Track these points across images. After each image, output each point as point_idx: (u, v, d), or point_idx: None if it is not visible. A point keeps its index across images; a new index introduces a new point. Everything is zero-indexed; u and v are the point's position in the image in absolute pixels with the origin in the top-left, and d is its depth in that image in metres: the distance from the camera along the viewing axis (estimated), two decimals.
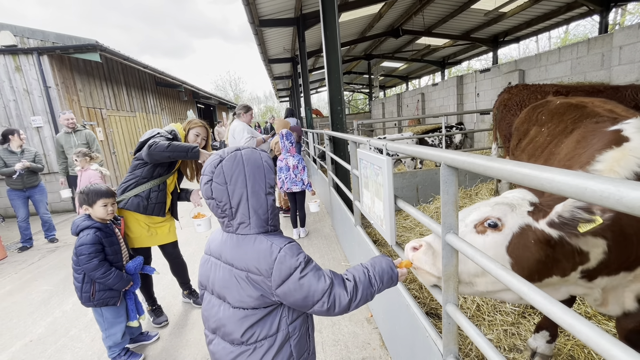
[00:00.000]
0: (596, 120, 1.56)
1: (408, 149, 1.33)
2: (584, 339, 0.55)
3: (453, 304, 1.07)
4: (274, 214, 1.04)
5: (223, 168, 0.98)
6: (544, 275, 1.05)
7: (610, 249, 1.03)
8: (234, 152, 1.01)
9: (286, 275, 0.95)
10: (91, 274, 1.95)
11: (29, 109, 6.92)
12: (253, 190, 0.99)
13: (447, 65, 17.13)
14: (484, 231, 1.05)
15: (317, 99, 39.77)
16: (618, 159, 1.12)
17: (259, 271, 0.96)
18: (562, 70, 7.08)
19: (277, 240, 1.00)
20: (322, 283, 0.97)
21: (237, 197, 0.98)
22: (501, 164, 0.74)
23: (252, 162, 1.00)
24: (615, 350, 0.49)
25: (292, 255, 0.97)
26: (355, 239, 2.72)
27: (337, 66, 4.02)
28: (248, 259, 0.98)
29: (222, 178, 0.97)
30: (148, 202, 2.33)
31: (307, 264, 0.99)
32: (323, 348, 2.10)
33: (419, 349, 1.40)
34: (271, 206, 1.03)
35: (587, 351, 1.78)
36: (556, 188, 0.59)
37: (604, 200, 0.49)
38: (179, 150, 2.20)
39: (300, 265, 0.97)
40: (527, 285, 0.71)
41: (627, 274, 1.13)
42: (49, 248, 4.85)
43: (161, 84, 12.13)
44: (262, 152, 1.06)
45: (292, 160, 3.88)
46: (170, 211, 2.57)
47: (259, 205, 1.00)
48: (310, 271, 0.97)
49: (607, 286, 1.18)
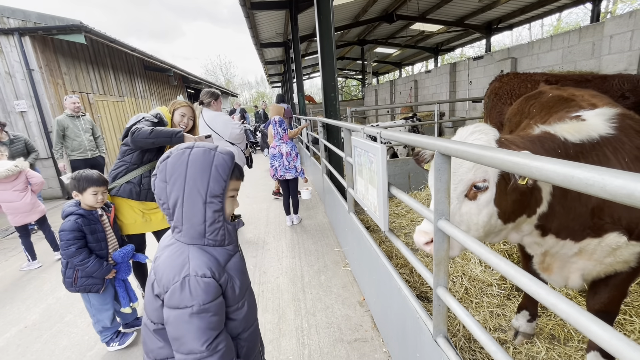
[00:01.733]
0: (567, 109, 1.62)
1: (402, 136, 1.34)
2: (560, 313, 0.59)
3: (443, 287, 1.11)
4: (215, 227, 0.91)
5: (167, 165, 0.89)
6: (518, 215, 1.21)
7: (555, 192, 1.23)
8: (183, 149, 0.91)
9: (174, 305, 0.84)
10: (70, 260, 1.97)
11: (11, 92, 6.68)
12: (190, 195, 0.87)
13: (441, 52, 17.04)
14: (475, 196, 1.13)
15: (310, 85, 39.29)
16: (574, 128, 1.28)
17: (160, 282, 0.87)
18: (553, 58, 7.12)
19: (196, 263, 0.87)
20: (197, 344, 0.84)
21: (174, 200, 0.88)
22: (493, 152, 0.77)
23: (197, 164, 0.88)
24: (576, 314, 0.53)
25: (192, 291, 0.84)
26: (349, 225, 2.77)
27: (331, 51, 3.97)
28: (161, 265, 0.89)
29: (164, 175, 0.89)
30: (140, 188, 2.29)
31: (200, 312, 0.84)
32: (317, 330, 2.17)
33: (409, 330, 1.47)
34: (211, 218, 0.90)
35: (566, 330, 1.88)
36: (545, 176, 0.61)
37: (589, 187, 0.52)
38: (162, 136, 2.17)
39: (192, 308, 0.84)
40: (514, 269, 0.75)
41: (573, 243, 1.29)
42: (38, 235, 4.79)
43: (150, 68, 11.79)
44: (220, 154, 0.92)
45: (285, 148, 3.87)
46: None
47: (192, 213, 0.88)
48: (197, 323, 0.84)
49: (553, 250, 1.33)
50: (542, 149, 1.19)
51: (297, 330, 2.18)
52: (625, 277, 1.42)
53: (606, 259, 1.34)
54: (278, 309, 2.44)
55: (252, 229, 4.14)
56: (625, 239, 1.24)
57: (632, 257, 1.31)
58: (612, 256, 1.32)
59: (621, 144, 1.24)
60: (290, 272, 2.97)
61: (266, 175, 7.30)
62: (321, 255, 3.25)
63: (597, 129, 1.29)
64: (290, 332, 2.18)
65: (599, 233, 1.28)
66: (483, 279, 2.41)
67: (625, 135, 1.27)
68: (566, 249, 1.34)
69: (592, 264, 1.38)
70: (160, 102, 12.74)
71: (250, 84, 51.80)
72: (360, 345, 2.01)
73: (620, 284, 1.44)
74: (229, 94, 24.06)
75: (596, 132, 1.28)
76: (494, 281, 2.37)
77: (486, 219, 1.16)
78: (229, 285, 0.93)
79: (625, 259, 1.32)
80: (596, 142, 1.25)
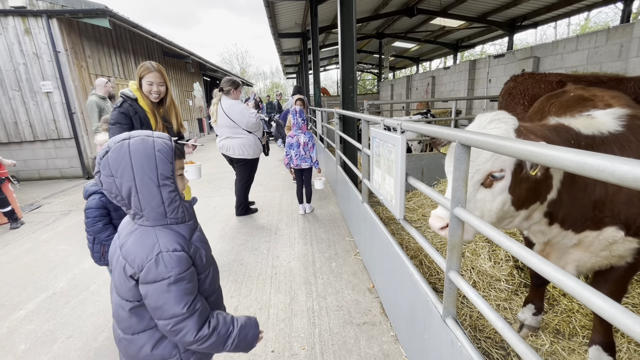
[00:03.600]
0: (581, 108, 1.65)
1: (423, 127, 1.40)
2: (566, 288, 0.66)
3: (455, 270, 1.18)
4: (174, 206, 0.99)
5: (109, 160, 0.92)
6: (531, 202, 1.27)
7: (564, 180, 1.27)
8: (120, 142, 0.94)
9: (152, 279, 0.92)
10: (97, 236, 2.08)
11: (38, 73, 6.92)
12: (142, 182, 0.93)
13: (461, 48, 16.70)
14: (490, 184, 1.20)
15: (324, 77, 39.04)
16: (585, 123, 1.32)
17: (133, 263, 0.94)
18: (578, 59, 6.94)
19: (165, 240, 0.96)
20: (177, 308, 0.93)
21: (126, 190, 0.93)
22: (512, 142, 0.83)
23: (140, 152, 0.93)
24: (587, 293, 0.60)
25: (166, 265, 0.93)
26: (362, 215, 2.84)
27: (352, 44, 3.99)
28: (130, 248, 0.96)
29: (108, 170, 0.92)
30: None
31: (177, 281, 0.93)
32: (327, 312, 2.26)
33: (419, 313, 1.54)
34: (168, 198, 0.97)
35: (572, 326, 1.92)
36: (560, 163, 0.67)
37: (600, 173, 0.58)
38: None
39: (169, 279, 0.92)
40: (524, 250, 0.81)
41: (574, 234, 1.35)
42: (62, 211, 5.02)
43: (169, 54, 11.97)
44: (158, 139, 0.97)
45: (303, 138, 3.95)
46: None
47: (150, 197, 0.94)
48: (175, 291, 0.93)
49: (555, 240, 1.39)
50: (558, 138, 1.24)
51: (309, 311, 2.29)
52: (623, 273, 1.49)
53: (602, 252, 1.41)
54: (290, 291, 2.55)
55: (265, 216, 4.25)
56: (622, 234, 1.31)
57: (627, 253, 1.38)
58: (608, 250, 1.39)
59: (628, 142, 1.30)
60: (302, 258, 3.07)
61: (280, 165, 7.41)
62: (332, 244, 3.34)
63: (606, 125, 1.34)
64: (301, 312, 2.28)
65: (598, 226, 1.35)
66: (492, 273, 2.46)
67: (633, 134, 1.33)
68: (567, 239, 1.41)
69: (588, 256, 1.45)
70: (177, 88, 12.95)
71: (265, 74, 51.88)
72: (369, 328, 2.09)
73: (619, 279, 1.51)
74: (244, 83, 24.18)
75: (606, 128, 1.33)
76: (503, 276, 2.41)
77: (499, 206, 1.22)
78: (197, 255, 1.03)
79: (621, 253, 1.39)
80: (605, 138, 1.31)
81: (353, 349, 1.93)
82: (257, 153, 4.01)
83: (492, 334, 1.92)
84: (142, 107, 2.29)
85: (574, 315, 2.01)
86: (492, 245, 2.80)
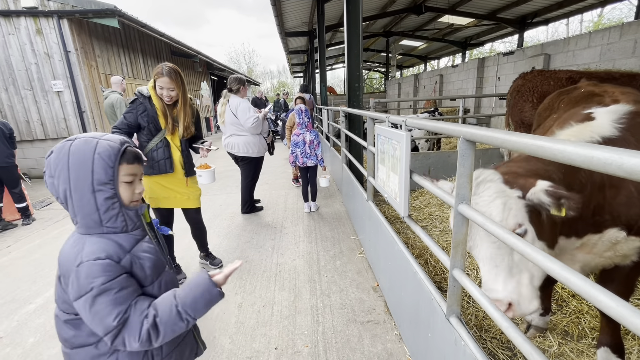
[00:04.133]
0: (585, 105, 1.61)
1: (427, 123, 1.38)
2: (572, 286, 0.64)
3: (459, 268, 1.16)
4: (111, 214, 0.92)
5: (51, 160, 0.89)
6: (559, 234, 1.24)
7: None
8: (63, 142, 0.91)
9: (77, 294, 0.85)
10: None
11: (49, 72, 7.05)
12: (76, 187, 0.88)
13: (469, 46, 16.50)
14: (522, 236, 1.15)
15: (331, 77, 39.00)
16: (575, 134, 1.29)
17: (64, 275, 0.89)
18: (590, 56, 6.79)
19: (89, 250, 0.88)
20: (109, 320, 0.85)
21: (62, 192, 0.89)
22: (518, 137, 0.81)
23: (77, 155, 0.88)
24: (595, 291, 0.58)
25: (88, 276, 0.85)
26: (367, 213, 2.82)
27: (358, 42, 3.97)
28: (61, 258, 0.91)
29: (50, 170, 0.89)
30: (152, 162, 2.38)
31: (101, 293, 0.85)
32: (331, 310, 2.26)
33: (423, 311, 1.52)
34: (104, 205, 0.90)
35: (581, 327, 1.88)
36: (567, 157, 0.65)
37: (607, 166, 0.56)
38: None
39: (92, 292, 0.84)
40: (530, 248, 0.79)
41: (576, 240, 1.33)
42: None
43: (176, 53, 12.08)
44: (103, 141, 0.92)
45: (309, 136, 3.94)
46: (184, 168, 2.52)
47: (83, 204, 0.89)
48: (103, 302, 0.85)
49: (560, 245, 1.34)
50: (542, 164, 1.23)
51: (312, 309, 2.28)
52: (629, 272, 1.46)
53: (606, 253, 1.40)
54: (294, 289, 2.55)
55: (270, 214, 4.26)
56: (624, 234, 1.30)
57: (631, 252, 1.36)
58: (612, 250, 1.38)
59: (626, 145, 1.26)
60: (307, 256, 3.07)
61: (285, 163, 7.42)
62: (337, 242, 3.33)
63: (601, 131, 1.31)
64: (305, 310, 2.28)
65: (600, 229, 1.33)
66: None
67: (633, 134, 1.29)
68: (569, 244, 1.39)
69: (592, 257, 1.43)
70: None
71: (272, 73, 52.05)
72: (373, 326, 2.08)
73: (625, 279, 1.49)
74: (251, 82, 24.28)
75: (599, 134, 1.30)
76: None
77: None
78: (136, 265, 0.94)
79: (625, 252, 1.37)
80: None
81: (356, 347, 1.91)
82: (261, 151, 4.01)
83: (499, 334, 1.89)
84: (155, 106, 2.33)
85: (583, 316, 1.97)
86: None
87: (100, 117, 7.63)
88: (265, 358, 1.88)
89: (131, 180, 0.96)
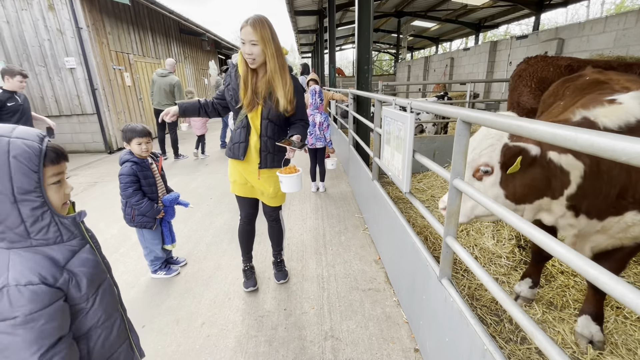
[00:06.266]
0: (600, 92, 1.68)
1: (429, 106, 1.50)
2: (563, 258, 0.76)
3: (452, 236, 1.31)
4: (41, 225, 0.79)
5: None
6: (534, 197, 1.33)
7: (586, 175, 1.29)
8: None
9: None
10: (127, 200, 2.31)
11: (62, 49, 7.14)
12: None
13: (483, 28, 16.05)
14: (481, 178, 1.30)
15: (340, 57, 38.29)
16: (609, 113, 1.33)
17: None
18: (605, 41, 6.66)
19: (17, 270, 0.75)
20: (26, 354, 0.73)
21: None
22: (510, 119, 0.92)
23: None
24: (583, 264, 0.72)
25: (12, 302, 0.72)
26: (371, 192, 2.97)
27: (369, 22, 3.99)
28: None
29: None
30: (231, 144, 2.03)
31: (27, 322, 0.73)
32: (335, 279, 2.45)
33: (419, 276, 1.69)
34: (31, 217, 0.77)
35: (565, 299, 2.05)
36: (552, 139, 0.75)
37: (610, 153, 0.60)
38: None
39: (14, 320, 0.72)
40: (519, 220, 0.93)
41: (598, 222, 1.40)
42: (88, 182, 5.35)
43: (185, 31, 12.01)
44: (16, 140, 0.76)
45: (319, 117, 4.03)
46: (261, 159, 2.01)
47: (4, 216, 0.74)
48: (23, 334, 0.73)
49: (582, 231, 1.43)
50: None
51: (318, 278, 2.48)
52: (629, 252, 1.56)
53: (618, 234, 1.45)
54: (302, 260, 2.74)
55: None
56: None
57: None
58: (625, 232, 1.44)
59: None
60: (314, 231, 3.26)
61: None
62: (342, 219, 3.50)
63: (634, 112, 1.34)
64: (311, 278, 2.48)
65: (620, 211, 1.38)
66: (494, 250, 2.58)
67: None
68: (591, 227, 1.45)
69: (604, 238, 1.51)
70: (193, 66, 13.06)
71: None
72: (374, 293, 2.27)
73: (622, 257, 1.58)
74: None
75: (634, 115, 1.33)
76: (504, 253, 2.53)
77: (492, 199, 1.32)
78: (72, 284, 0.84)
79: (636, 234, 1.43)
80: (633, 127, 1.31)
81: (358, 310, 2.11)
82: None
83: (488, 302, 2.07)
84: (239, 75, 1.88)
85: (569, 290, 2.13)
86: (496, 225, 2.90)
87: (112, 95, 7.76)
88: (276, 317, 2.08)
89: (59, 180, 0.84)
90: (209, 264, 2.74)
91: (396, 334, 1.90)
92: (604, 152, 0.62)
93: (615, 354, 1.68)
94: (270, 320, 2.06)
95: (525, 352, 1.71)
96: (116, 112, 7.87)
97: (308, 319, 2.06)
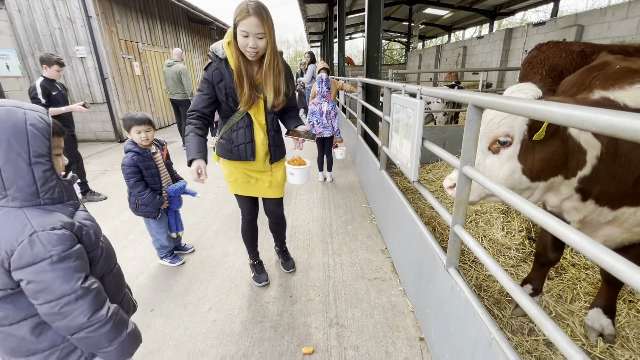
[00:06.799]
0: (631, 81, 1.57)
1: (440, 92, 1.45)
2: (573, 244, 0.74)
3: (460, 225, 1.28)
4: (49, 186, 0.89)
5: None
6: (549, 174, 1.25)
7: (603, 156, 1.21)
8: None
9: (27, 263, 0.82)
10: (130, 190, 2.33)
11: (73, 38, 7.19)
12: (8, 158, 0.82)
13: (498, 16, 15.51)
14: (497, 151, 1.24)
15: (349, 46, 37.71)
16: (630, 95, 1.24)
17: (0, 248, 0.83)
18: (627, 28, 6.37)
19: (38, 221, 0.85)
20: (67, 286, 0.85)
21: None
22: (524, 102, 0.87)
23: (8, 125, 0.82)
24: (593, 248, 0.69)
25: (45, 244, 0.83)
26: (379, 182, 2.94)
27: (379, 9, 3.89)
28: None
29: None
30: (230, 146, 1.85)
31: (62, 260, 0.84)
32: (341, 267, 2.45)
33: (426, 265, 1.67)
34: (42, 178, 0.87)
35: (575, 292, 2.00)
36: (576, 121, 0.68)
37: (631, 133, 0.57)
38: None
39: (51, 258, 0.83)
40: (529, 205, 0.90)
41: (610, 211, 1.31)
42: (99, 170, 5.43)
43: (193, 20, 11.95)
44: (31, 112, 0.87)
45: (326, 106, 3.98)
46: (271, 154, 1.95)
47: (18, 176, 0.83)
48: (62, 269, 0.84)
49: (590, 217, 1.36)
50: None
51: (324, 266, 2.48)
52: None
53: (635, 228, 1.35)
54: (308, 248, 2.75)
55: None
56: None
57: None
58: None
59: None
60: (320, 220, 3.25)
61: None
62: (349, 209, 3.49)
63: None
64: (318, 266, 2.48)
65: (638, 202, 1.27)
66: (503, 242, 2.54)
67: None
68: (602, 216, 1.35)
69: (620, 232, 1.39)
70: (202, 55, 13.02)
71: (288, 42, 50.65)
72: (379, 282, 2.27)
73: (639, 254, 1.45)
74: None
75: None
76: (514, 245, 2.49)
77: (507, 173, 1.25)
78: (84, 232, 0.94)
79: None
80: None
81: (363, 298, 2.11)
82: None
83: (496, 293, 2.04)
84: (232, 69, 1.67)
85: (580, 283, 2.08)
86: (506, 216, 2.84)
87: (122, 84, 7.81)
88: (282, 304, 2.10)
89: (59, 153, 0.97)
90: (217, 251, 2.77)
91: (401, 323, 1.90)
92: (624, 132, 0.58)
93: (626, 347, 1.64)
94: (276, 306, 2.08)
95: (533, 343, 1.69)
96: (126, 101, 7.94)
97: (313, 306, 2.07)
